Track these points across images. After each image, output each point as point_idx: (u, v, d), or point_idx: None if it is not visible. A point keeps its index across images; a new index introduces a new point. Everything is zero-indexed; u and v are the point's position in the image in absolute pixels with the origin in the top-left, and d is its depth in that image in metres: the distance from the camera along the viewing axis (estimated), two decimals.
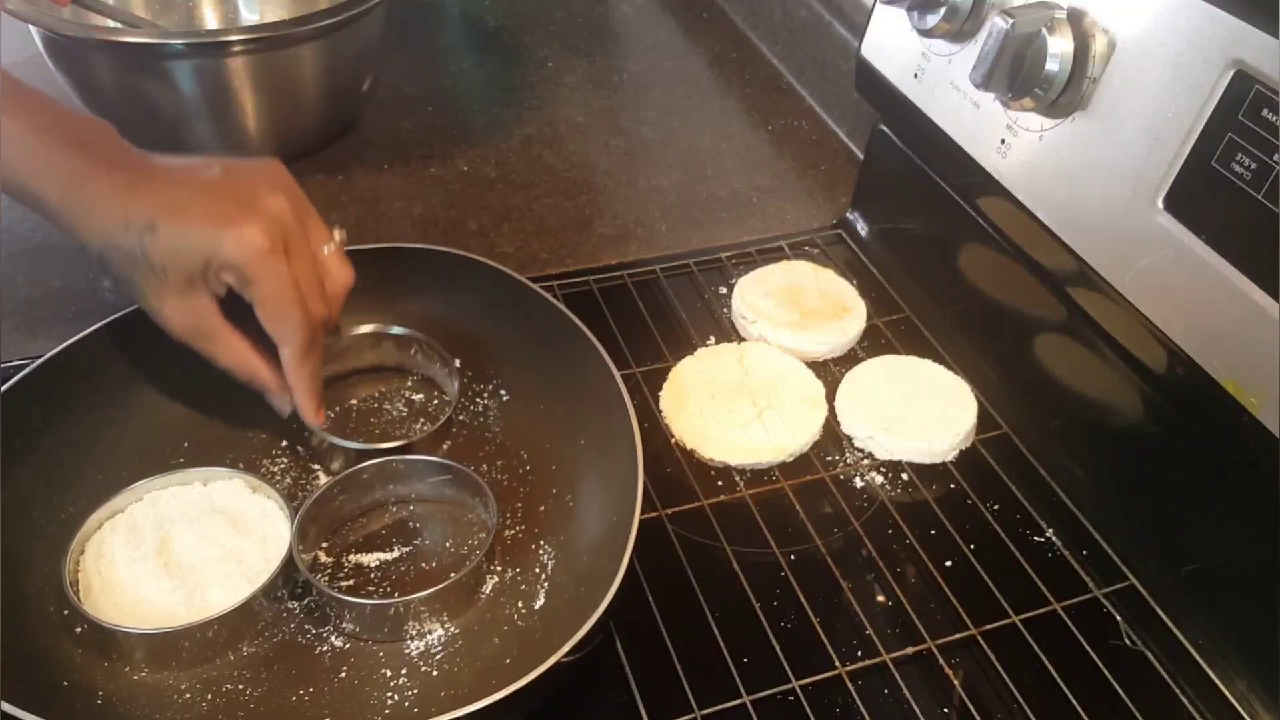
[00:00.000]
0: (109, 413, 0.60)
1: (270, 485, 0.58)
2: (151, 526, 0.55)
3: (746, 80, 1.07)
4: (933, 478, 0.64)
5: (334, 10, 0.81)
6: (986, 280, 0.71)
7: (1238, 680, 0.53)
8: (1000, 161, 0.62)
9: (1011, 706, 0.52)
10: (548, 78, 1.06)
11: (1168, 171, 0.51)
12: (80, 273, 0.77)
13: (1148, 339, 0.54)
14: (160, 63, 0.79)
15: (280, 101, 0.85)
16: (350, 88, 0.92)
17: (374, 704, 0.50)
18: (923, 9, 0.65)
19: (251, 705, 0.50)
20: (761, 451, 0.64)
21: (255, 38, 0.80)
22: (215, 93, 0.82)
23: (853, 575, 0.59)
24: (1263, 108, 0.46)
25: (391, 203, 0.86)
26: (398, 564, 0.57)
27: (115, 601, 0.52)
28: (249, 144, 0.87)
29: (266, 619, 0.53)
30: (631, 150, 0.95)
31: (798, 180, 0.92)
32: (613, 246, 0.83)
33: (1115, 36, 0.53)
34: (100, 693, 0.50)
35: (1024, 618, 0.56)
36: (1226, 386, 0.49)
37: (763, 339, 0.72)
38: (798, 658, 0.53)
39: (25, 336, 0.71)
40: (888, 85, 0.72)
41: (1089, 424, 0.63)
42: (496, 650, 0.53)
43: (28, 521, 0.55)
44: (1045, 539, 0.61)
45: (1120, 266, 0.55)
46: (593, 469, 0.59)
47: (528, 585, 0.56)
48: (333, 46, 0.85)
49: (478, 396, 0.66)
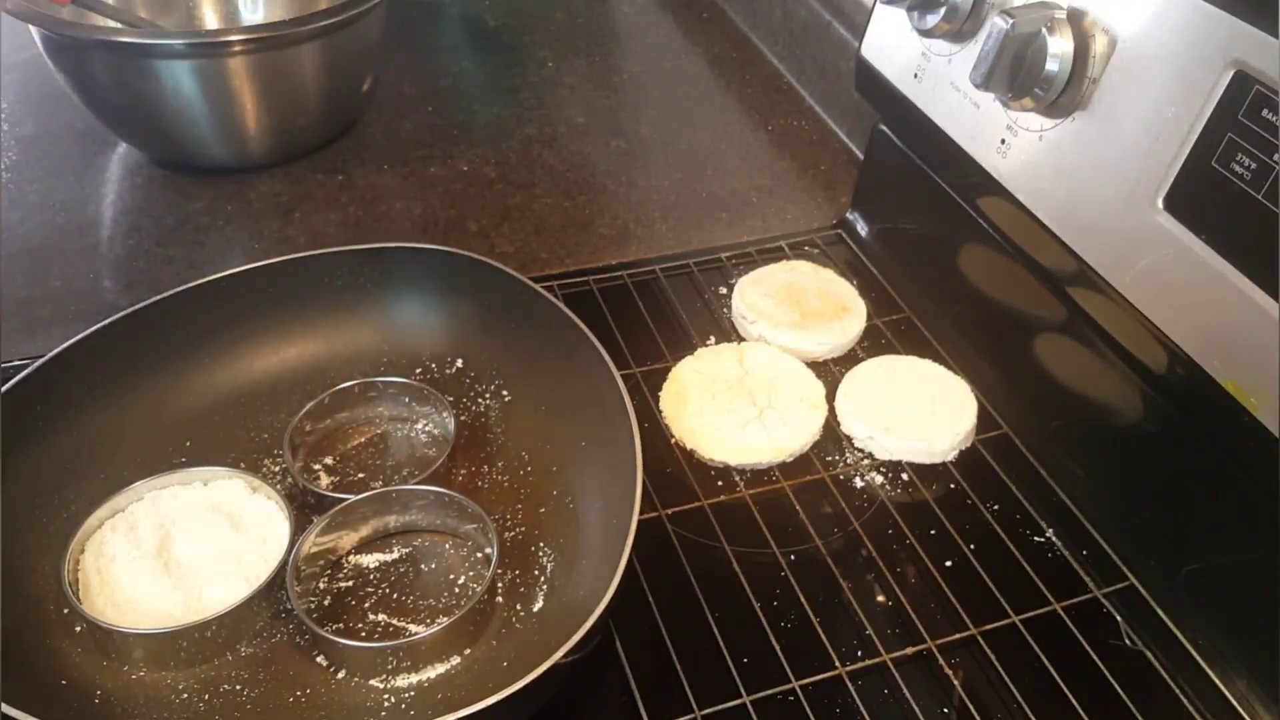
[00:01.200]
0: (110, 412, 0.60)
1: (271, 486, 0.58)
2: (151, 526, 0.55)
3: (746, 80, 1.07)
4: (933, 478, 0.64)
5: (334, 10, 0.81)
6: (986, 280, 0.71)
7: (1238, 680, 0.53)
8: (1000, 161, 0.62)
9: (1011, 706, 0.52)
10: (548, 78, 1.06)
11: (1168, 171, 0.51)
12: (81, 273, 0.77)
13: (1147, 339, 0.54)
14: (160, 63, 0.79)
15: (280, 101, 0.85)
16: (350, 88, 0.92)
17: (371, 706, 0.50)
18: (923, 9, 0.65)
19: (249, 706, 0.50)
20: (761, 451, 0.63)
21: (255, 38, 0.81)
22: (215, 93, 0.82)
23: (853, 575, 0.59)
24: (1263, 108, 0.46)
25: (392, 202, 0.86)
26: (397, 565, 0.57)
27: (114, 601, 0.52)
28: (248, 144, 0.87)
29: (265, 620, 0.53)
30: (631, 150, 0.95)
31: (798, 180, 0.92)
32: (613, 246, 0.83)
33: (1115, 36, 0.53)
34: (98, 692, 0.50)
35: (1024, 618, 0.56)
36: (1226, 387, 0.49)
37: (763, 339, 0.72)
38: (798, 658, 0.53)
39: (26, 336, 0.71)
40: (888, 85, 0.72)
41: (1089, 424, 0.63)
42: (495, 652, 0.53)
43: (28, 520, 0.55)
44: (1045, 539, 0.61)
45: (1120, 266, 0.54)
46: (593, 469, 0.59)
47: (527, 587, 0.56)
48: (332, 46, 0.85)
49: (479, 397, 0.66)
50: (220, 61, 0.80)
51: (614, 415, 0.56)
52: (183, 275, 0.76)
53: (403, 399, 0.64)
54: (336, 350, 0.67)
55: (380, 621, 0.54)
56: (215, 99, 0.82)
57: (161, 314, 0.62)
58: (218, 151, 0.86)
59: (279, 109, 0.86)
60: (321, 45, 0.84)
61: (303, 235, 0.82)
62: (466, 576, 0.56)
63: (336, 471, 0.62)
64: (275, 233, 0.82)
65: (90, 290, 0.75)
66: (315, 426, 0.63)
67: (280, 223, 0.83)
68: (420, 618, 0.54)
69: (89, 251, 0.79)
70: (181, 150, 0.87)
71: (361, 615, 0.54)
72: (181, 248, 0.80)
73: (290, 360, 0.66)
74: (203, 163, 0.87)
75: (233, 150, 0.87)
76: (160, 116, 0.82)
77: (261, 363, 0.66)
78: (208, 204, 0.84)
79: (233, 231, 0.82)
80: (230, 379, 0.64)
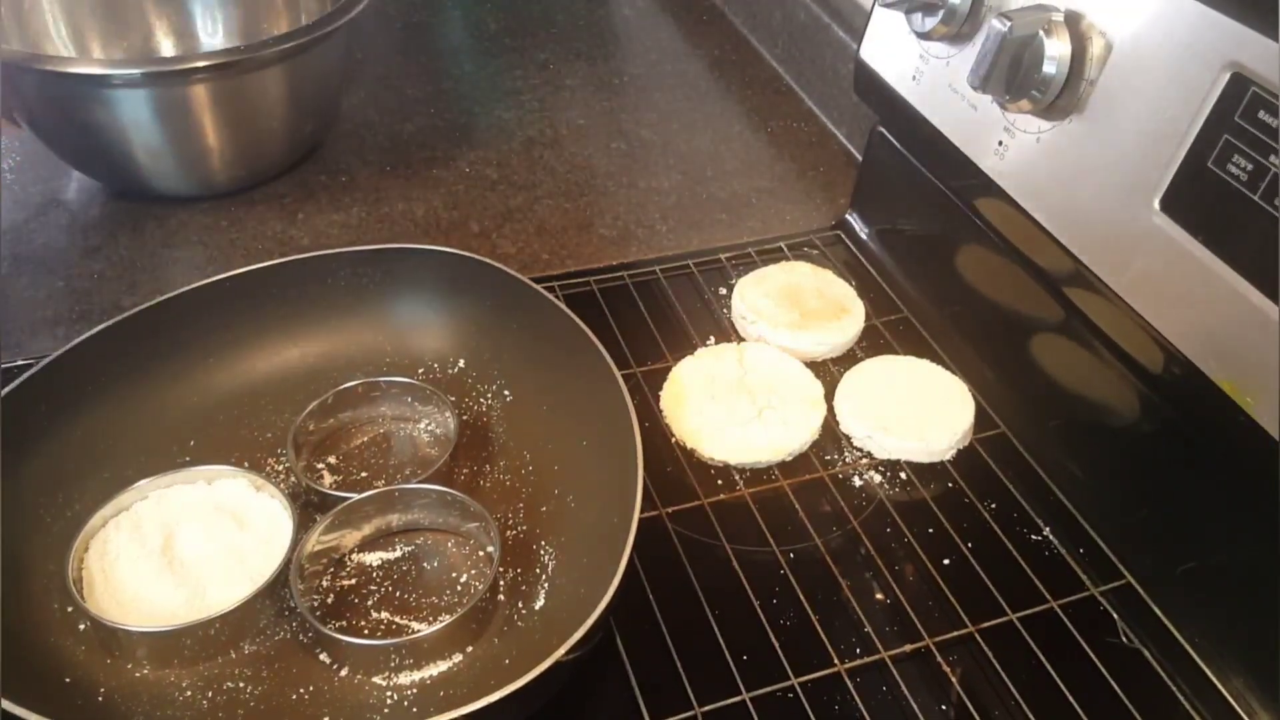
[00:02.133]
0: (114, 412, 0.60)
1: (274, 485, 0.58)
2: (155, 525, 0.56)
3: (746, 82, 1.07)
4: (931, 477, 0.65)
5: (296, 34, 0.79)
6: (984, 281, 0.71)
7: (1234, 678, 0.53)
8: (998, 163, 0.62)
9: (1009, 704, 0.53)
10: (549, 80, 1.06)
11: (1164, 173, 0.51)
12: (84, 273, 0.77)
13: (1144, 339, 0.54)
14: (115, 93, 0.75)
15: (242, 128, 0.82)
16: (312, 111, 0.88)
17: (373, 703, 0.51)
18: (921, 12, 0.65)
19: (252, 704, 0.50)
20: (761, 451, 0.64)
21: (214, 64, 0.78)
22: (175, 122, 0.78)
23: (851, 573, 0.59)
24: (1259, 110, 0.46)
25: (394, 204, 0.87)
26: (400, 563, 0.57)
27: (118, 599, 0.53)
28: (211, 173, 0.84)
29: (268, 618, 0.54)
30: (632, 152, 0.95)
31: (797, 181, 0.92)
32: (613, 247, 0.83)
33: (1112, 39, 0.54)
34: (102, 690, 0.50)
35: (1021, 615, 0.56)
36: (1223, 386, 0.49)
37: (762, 339, 0.72)
38: (797, 655, 0.54)
39: (29, 337, 0.71)
40: (886, 87, 0.73)
41: (1086, 424, 0.63)
42: (496, 650, 0.53)
43: (32, 519, 0.55)
44: (1042, 537, 0.61)
45: (1117, 267, 0.55)
46: (594, 468, 0.59)
47: (528, 585, 0.56)
48: (294, 70, 0.81)
49: (481, 397, 0.66)
50: (180, 90, 0.76)
51: (615, 415, 0.57)
52: (187, 276, 0.76)
53: (405, 399, 0.64)
54: (340, 350, 0.67)
55: (383, 619, 0.54)
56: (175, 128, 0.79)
57: (165, 315, 0.62)
58: (178, 181, 0.83)
59: (241, 136, 0.82)
60: (282, 70, 0.80)
61: (306, 236, 0.83)
62: (468, 575, 0.57)
63: (339, 470, 0.62)
64: (279, 233, 0.83)
65: (95, 291, 0.76)
66: (318, 426, 0.63)
67: (284, 224, 0.84)
68: (423, 616, 0.55)
69: (92, 252, 0.79)
70: (141, 183, 0.83)
71: (364, 613, 0.55)
72: (184, 249, 0.81)
73: (293, 360, 0.67)
74: (165, 194, 0.84)
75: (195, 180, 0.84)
76: (115, 148, 0.79)
77: (265, 363, 0.66)
78: (208, 204, 0.85)
79: (235, 233, 0.82)
80: (234, 379, 0.65)
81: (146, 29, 0.94)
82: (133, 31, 0.94)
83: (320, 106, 0.90)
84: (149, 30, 0.94)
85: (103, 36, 0.92)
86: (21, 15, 0.86)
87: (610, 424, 0.57)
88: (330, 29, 0.80)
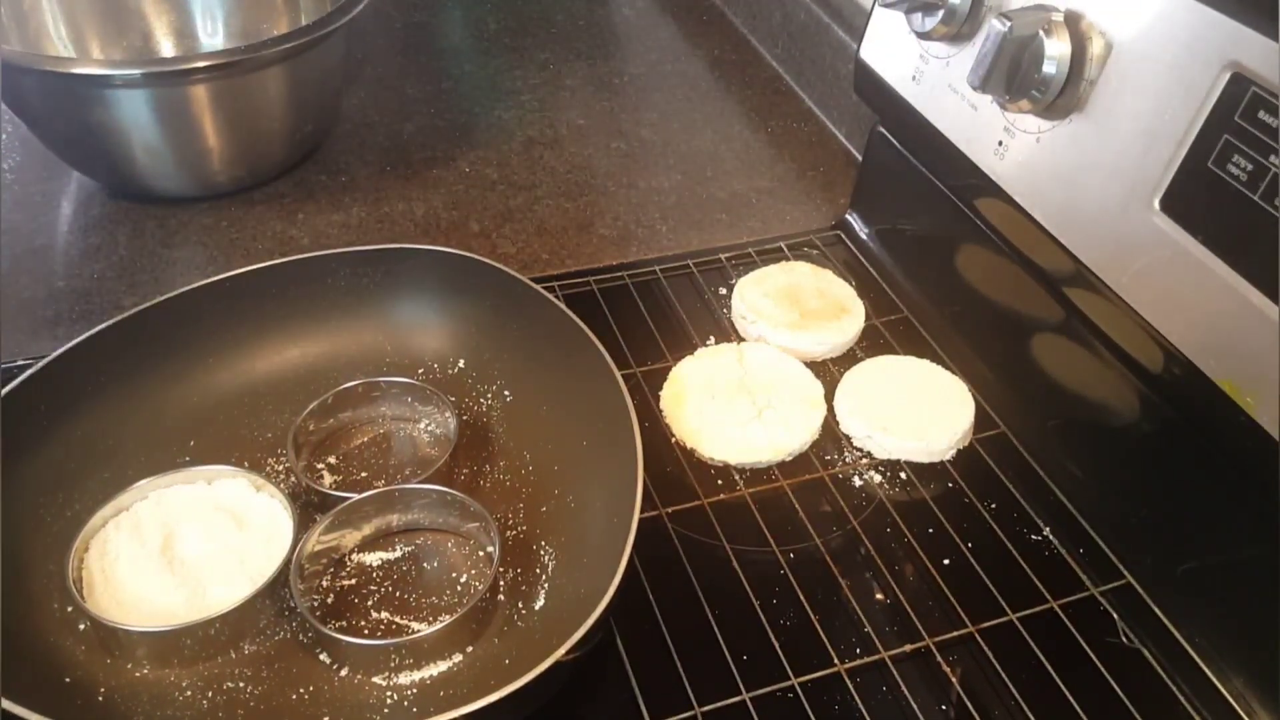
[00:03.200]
0: (114, 412, 0.60)
1: (274, 485, 0.58)
2: (155, 524, 0.56)
3: (746, 82, 1.07)
4: (931, 477, 0.65)
5: (292, 35, 0.78)
6: (984, 281, 0.71)
7: (1234, 678, 0.53)
8: (998, 163, 0.62)
9: (1009, 704, 0.53)
10: (549, 80, 1.06)
11: (1164, 173, 0.51)
12: (85, 273, 0.77)
13: (1144, 339, 0.54)
14: (115, 93, 0.75)
15: (242, 129, 0.82)
16: (312, 112, 0.88)
17: (373, 703, 0.51)
18: (921, 12, 0.65)
19: (252, 703, 0.50)
20: (761, 450, 0.64)
21: (213, 64, 0.77)
22: (175, 122, 0.78)
23: (851, 573, 0.59)
24: (1259, 109, 0.46)
25: (394, 204, 0.87)
26: (400, 563, 0.57)
27: (118, 599, 0.53)
28: (211, 173, 0.83)
29: (268, 618, 0.54)
30: (632, 152, 0.95)
31: (797, 181, 0.92)
32: (613, 247, 0.83)
33: (1112, 39, 0.54)
34: (102, 690, 0.50)
35: (1021, 615, 0.56)
36: (1223, 386, 0.50)
37: (762, 339, 0.72)
38: (797, 655, 0.54)
39: (30, 336, 0.71)
40: (886, 87, 0.73)
41: (1086, 423, 0.63)
42: (496, 650, 0.53)
43: (32, 519, 0.55)
44: (1042, 537, 0.61)
45: (1117, 267, 0.55)
46: (594, 468, 0.59)
47: (528, 586, 0.56)
48: (293, 71, 0.81)
49: (481, 397, 0.66)
50: (180, 90, 0.76)
51: (615, 415, 0.57)
52: (187, 276, 0.76)
53: (405, 399, 0.64)
54: (340, 350, 0.67)
55: (383, 619, 0.54)
56: (175, 129, 0.78)
57: (165, 315, 0.62)
58: (180, 182, 0.83)
59: (241, 136, 0.82)
60: (282, 70, 0.80)
61: (306, 236, 0.83)
62: (468, 575, 0.57)
63: (339, 471, 0.62)
64: (279, 233, 0.83)
65: (95, 290, 0.76)
66: (319, 426, 0.63)
67: (284, 224, 0.84)
68: (423, 616, 0.55)
69: (92, 252, 0.79)
70: (142, 183, 0.83)
71: (364, 613, 0.55)
72: (184, 249, 0.81)
73: (294, 360, 0.67)
74: (164, 195, 0.84)
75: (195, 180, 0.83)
76: (115, 148, 0.79)
77: (265, 363, 0.66)
78: (208, 204, 0.85)
79: (235, 233, 0.82)
80: (234, 379, 0.65)
81: (146, 29, 0.94)
82: (132, 32, 0.94)
83: (320, 106, 0.90)
84: (149, 30, 0.95)
85: (102, 36, 0.92)
86: (21, 15, 0.86)
87: (610, 424, 0.57)
88: (330, 29, 0.80)
